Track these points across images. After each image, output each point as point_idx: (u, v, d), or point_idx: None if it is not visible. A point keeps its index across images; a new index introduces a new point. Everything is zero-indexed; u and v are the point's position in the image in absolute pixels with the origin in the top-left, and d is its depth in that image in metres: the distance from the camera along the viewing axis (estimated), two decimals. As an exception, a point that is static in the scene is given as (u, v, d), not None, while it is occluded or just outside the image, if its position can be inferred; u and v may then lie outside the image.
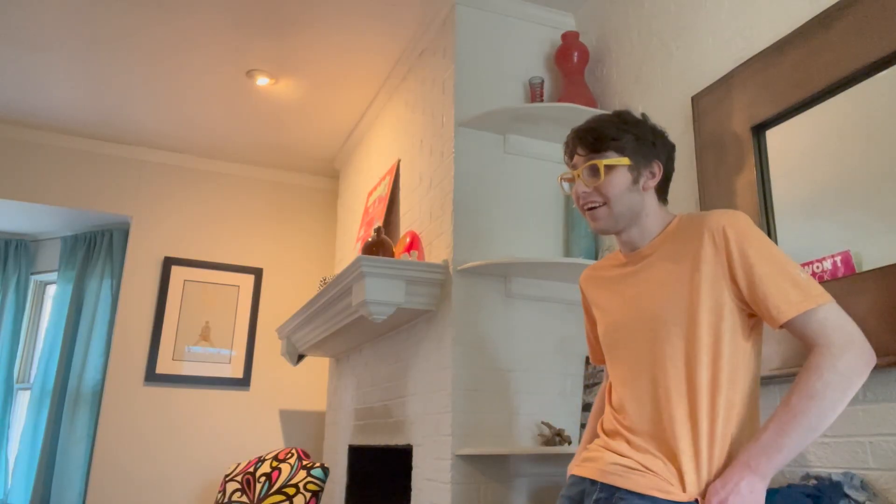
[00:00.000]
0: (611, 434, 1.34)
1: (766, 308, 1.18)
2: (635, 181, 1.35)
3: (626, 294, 1.39)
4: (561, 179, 1.44)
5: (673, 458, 1.20)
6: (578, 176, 1.37)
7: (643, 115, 1.42)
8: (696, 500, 1.16)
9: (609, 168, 1.34)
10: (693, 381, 1.22)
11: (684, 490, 1.17)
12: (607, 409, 1.40)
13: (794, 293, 1.16)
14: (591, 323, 1.58)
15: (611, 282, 1.46)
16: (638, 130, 1.37)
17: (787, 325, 1.17)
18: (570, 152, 1.40)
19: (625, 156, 1.34)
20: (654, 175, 1.37)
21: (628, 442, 1.28)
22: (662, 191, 1.41)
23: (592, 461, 1.31)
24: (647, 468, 1.21)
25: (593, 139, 1.36)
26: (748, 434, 1.22)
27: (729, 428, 1.21)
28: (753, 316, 1.25)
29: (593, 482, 1.27)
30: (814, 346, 1.14)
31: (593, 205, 1.37)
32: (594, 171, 1.35)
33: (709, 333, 1.23)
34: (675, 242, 1.33)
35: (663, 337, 1.27)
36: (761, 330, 1.28)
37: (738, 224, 1.23)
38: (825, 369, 1.11)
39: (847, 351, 1.12)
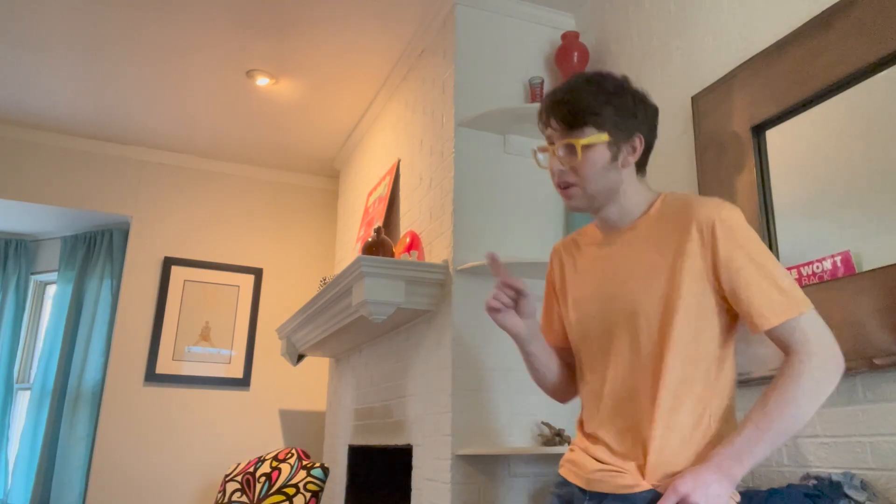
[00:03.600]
0: (591, 438, 1.30)
1: (749, 314, 1.15)
2: (614, 158, 1.26)
3: (601, 279, 1.32)
4: (536, 151, 1.34)
5: (643, 450, 1.20)
6: (554, 154, 1.28)
7: (624, 77, 1.30)
8: (653, 488, 1.16)
9: (587, 147, 1.25)
10: (663, 379, 1.19)
11: (643, 476, 1.18)
12: (586, 405, 1.35)
13: (778, 300, 1.14)
14: (554, 299, 1.47)
15: (586, 262, 1.38)
16: (618, 101, 1.26)
17: (768, 332, 1.15)
18: (544, 121, 1.29)
19: (603, 131, 1.24)
20: (634, 150, 1.28)
21: (609, 447, 1.25)
22: (643, 164, 1.33)
23: (578, 467, 1.28)
24: (624, 469, 1.20)
25: (570, 114, 1.25)
26: (720, 432, 1.20)
27: (701, 427, 1.19)
28: (731, 314, 1.22)
29: (582, 489, 1.26)
30: (792, 352, 1.13)
31: (568, 183, 1.29)
32: (571, 150, 1.26)
33: (686, 331, 1.19)
34: (659, 227, 1.26)
35: (636, 330, 1.23)
36: (736, 330, 1.25)
37: (728, 221, 1.18)
38: (804, 378, 1.10)
39: (826, 361, 1.12)
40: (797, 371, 1.11)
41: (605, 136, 1.24)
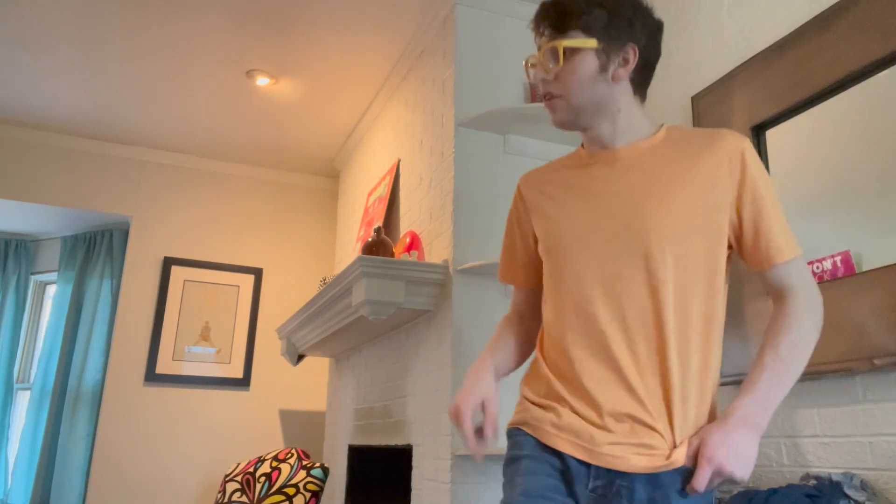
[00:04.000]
0: (582, 393, 1.09)
1: (765, 247, 1.09)
2: (603, 69, 1.13)
3: (599, 196, 1.16)
4: (527, 64, 1.22)
5: (666, 406, 1.06)
6: (540, 61, 1.15)
7: None
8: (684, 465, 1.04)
9: (571, 52, 1.12)
10: (688, 310, 1.07)
11: (675, 445, 1.05)
12: (571, 350, 1.12)
13: (787, 236, 1.10)
14: (524, 233, 1.30)
15: (569, 182, 1.21)
16: (612, 4, 1.13)
17: (773, 269, 1.10)
18: (537, 29, 1.17)
19: (592, 36, 1.12)
20: (626, 62, 1.14)
21: (614, 404, 1.07)
22: (640, 84, 1.19)
23: (577, 436, 1.08)
24: (652, 444, 1.04)
25: (557, 15, 1.14)
26: (716, 382, 1.10)
27: (715, 372, 1.09)
28: (730, 251, 1.15)
29: (583, 462, 1.08)
30: (791, 293, 1.09)
31: (551, 94, 1.16)
32: (554, 54, 1.14)
33: (706, 261, 1.09)
34: (672, 149, 1.14)
35: (656, 255, 1.08)
36: (730, 271, 1.18)
37: (752, 152, 1.12)
38: (807, 320, 1.07)
39: (819, 305, 1.10)
40: (801, 313, 1.07)
41: (592, 42, 1.11)
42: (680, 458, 1.03)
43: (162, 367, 3.96)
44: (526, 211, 1.29)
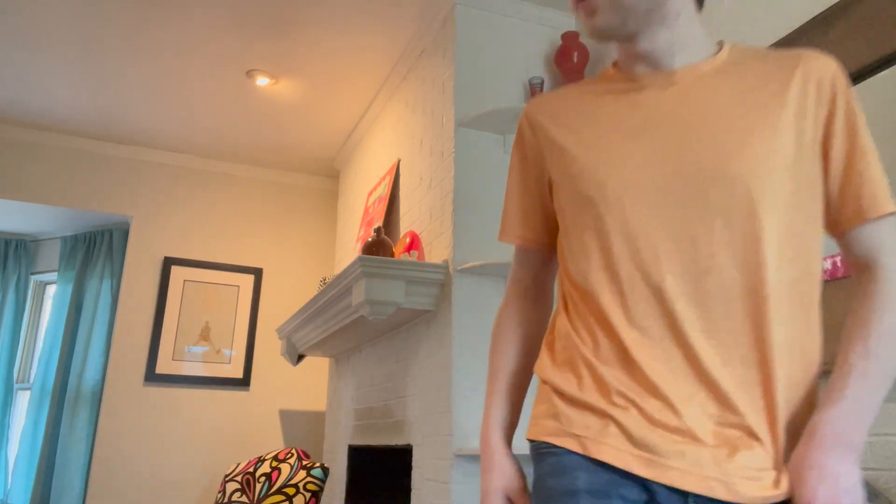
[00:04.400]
0: (652, 389, 0.80)
1: (856, 195, 0.83)
2: None
3: (650, 130, 0.86)
4: None
5: (767, 407, 0.80)
6: None
7: None
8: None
9: None
10: (784, 281, 0.81)
11: (778, 458, 0.79)
12: (598, 317, 0.86)
13: (885, 186, 0.83)
14: (536, 176, 0.99)
15: (602, 111, 0.92)
16: None
17: (862, 226, 0.84)
18: None
19: None
20: None
21: (705, 408, 0.79)
22: None
23: (661, 454, 0.78)
24: (748, 458, 0.78)
25: None
26: (817, 376, 0.85)
27: (817, 356, 0.85)
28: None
29: (673, 489, 0.78)
30: (880, 263, 0.83)
31: None
32: None
33: (801, 214, 0.83)
34: (747, 75, 0.86)
35: (742, 208, 0.80)
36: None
37: (844, 77, 0.85)
38: None
39: None
40: (894, 290, 0.81)
41: None
42: (787, 488, 0.77)
43: (162, 367, 3.96)
44: (538, 147, 0.97)
